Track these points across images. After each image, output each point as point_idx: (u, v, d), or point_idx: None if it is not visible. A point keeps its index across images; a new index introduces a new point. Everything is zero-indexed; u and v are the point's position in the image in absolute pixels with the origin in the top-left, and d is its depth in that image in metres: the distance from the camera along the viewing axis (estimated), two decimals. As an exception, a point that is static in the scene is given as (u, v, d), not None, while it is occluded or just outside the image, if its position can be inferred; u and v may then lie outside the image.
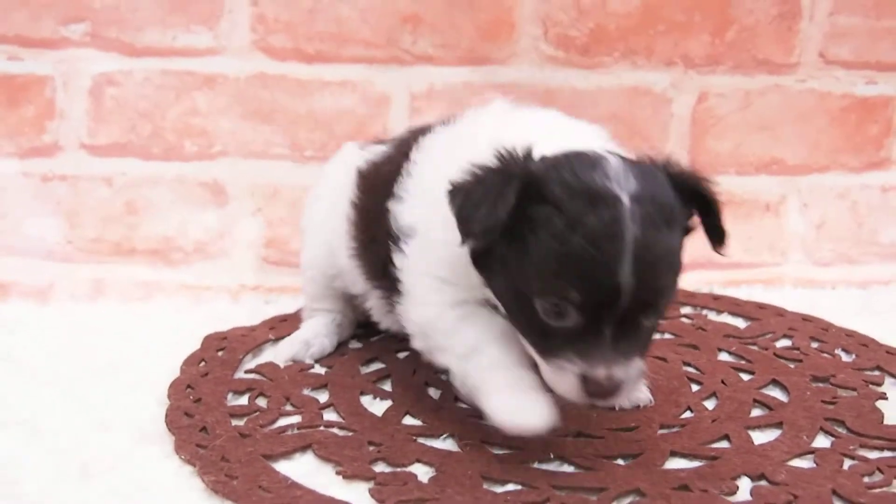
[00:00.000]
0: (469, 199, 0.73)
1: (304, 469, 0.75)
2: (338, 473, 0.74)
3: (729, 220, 0.80)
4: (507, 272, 0.73)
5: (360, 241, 0.95)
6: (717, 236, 0.78)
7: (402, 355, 1.01)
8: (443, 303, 0.81)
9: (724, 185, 1.38)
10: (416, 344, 0.84)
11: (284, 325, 1.11)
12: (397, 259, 0.84)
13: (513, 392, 0.75)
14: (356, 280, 0.98)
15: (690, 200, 0.76)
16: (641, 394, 0.88)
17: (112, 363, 1.01)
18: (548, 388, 0.74)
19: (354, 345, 1.06)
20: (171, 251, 1.32)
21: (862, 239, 1.46)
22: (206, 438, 0.79)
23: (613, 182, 0.70)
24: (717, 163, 1.42)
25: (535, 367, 0.77)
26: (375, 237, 0.90)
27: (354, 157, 1.04)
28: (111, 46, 1.31)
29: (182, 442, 0.78)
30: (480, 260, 0.76)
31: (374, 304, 0.98)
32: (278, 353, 1.00)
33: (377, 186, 0.92)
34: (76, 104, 1.31)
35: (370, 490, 0.71)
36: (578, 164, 0.72)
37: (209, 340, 1.02)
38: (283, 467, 0.75)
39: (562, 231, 0.69)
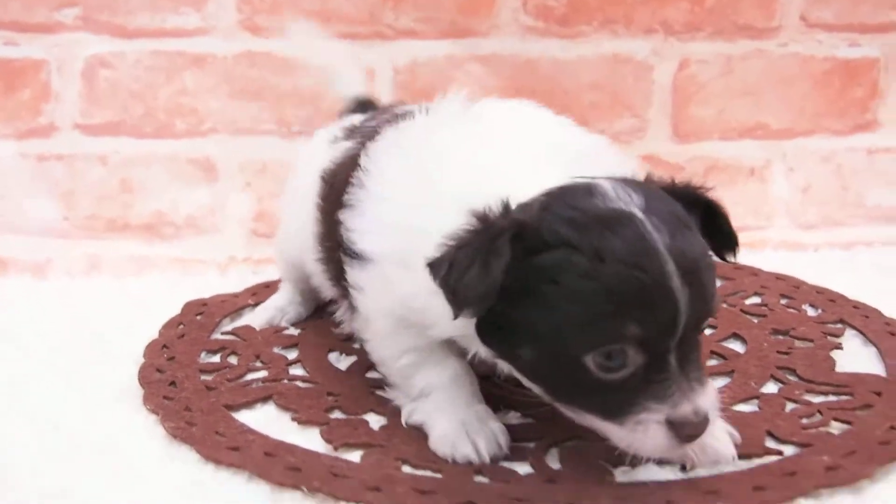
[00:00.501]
0: (455, 266, 0.64)
1: (263, 418, 0.79)
2: (293, 420, 0.78)
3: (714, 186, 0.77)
4: (533, 342, 0.65)
5: (325, 247, 0.89)
6: (726, 242, 0.72)
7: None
8: (397, 348, 0.78)
9: (709, 151, 1.44)
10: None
11: (266, 291, 1.15)
12: (351, 276, 0.78)
13: (457, 425, 0.73)
14: (324, 284, 0.93)
15: (690, 209, 0.69)
16: (724, 447, 0.71)
17: (101, 332, 1.05)
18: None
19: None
20: (163, 226, 1.37)
21: (847, 202, 1.46)
22: (174, 391, 0.83)
23: (618, 201, 0.64)
24: (701, 129, 1.43)
25: (482, 401, 0.76)
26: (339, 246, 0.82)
27: (323, 154, 0.97)
28: (103, 29, 1.36)
29: (150, 394, 0.83)
30: (493, 338, 0.68)
31: (342, 311, 0.92)
32: (254, 319, 1.04)
33: (336, 193, 0.84)
34: (70, 86, 1.36)
35: (321, 431, 0.75)
36: (571, 197, 0.65)
37: (189, 306, 1.07)
38: (244, 416, 0.79)
39: (590, 267, 0.61)
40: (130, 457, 0.72)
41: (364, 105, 1.15)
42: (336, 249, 0.82)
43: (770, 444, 0.73)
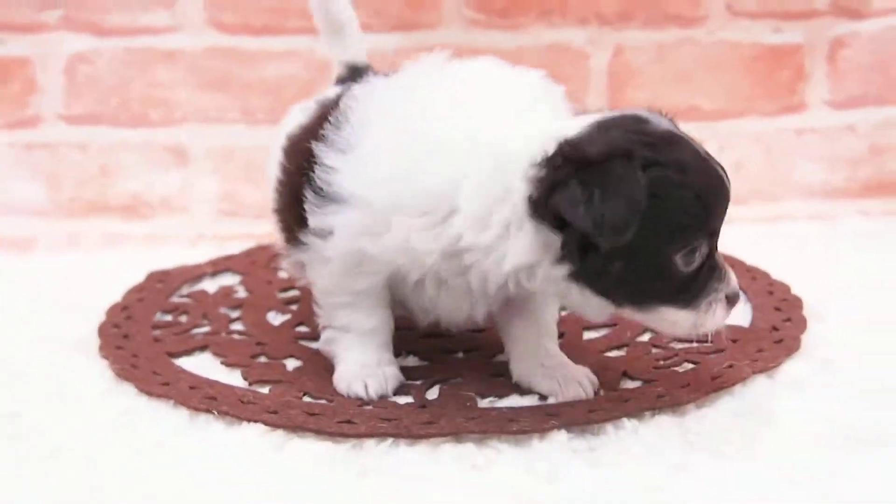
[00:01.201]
0: (600, 199, 0.69)
1: (198, 363, 0.93)
2: (222, 364, 0.91)
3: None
4: (627, 254, 0.72)
5: (281, 203, 0.93)
6: None
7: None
8: (342, 286, 0.83)
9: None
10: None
11: (226, 262, 1.28)
12: (318, 221, 0.81)
13: (358, 367, 0.84)
14: (276, 235, 0.98)
15: None
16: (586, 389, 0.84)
17: (75, 298, 1.19)
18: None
19: (282, 274, 1.22)
20: (139, 206, 1.50)
21: (777, 178, 1.57)
22: (126, 342, 0.97)
23: (666, 125, 0.76)
24: (637, 112, 1.55)
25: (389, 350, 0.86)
26: (298, 200, 0.85)
27: (293, 119, 1.00)
28: (82, 28, 1.49)
29: (105, 345, 0.96)
30: (581, 261, 0.73)
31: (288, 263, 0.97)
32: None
33: (302, 149, 0.86)
34: (53, 81, 1.49)
35: (241, 372, 0.88)
36: (633, 125, 0.74)
37: (152, 275, 1.20)
38: (182, 362, 0.93)
39: (679, 179, 0.71)
40: (79, 390, 0.87)
41: (357, 72, 1.09)
42: (294, 196, 0.85)
43: (625, 382, 0.85)
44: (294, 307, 1.09)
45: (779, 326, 0.95)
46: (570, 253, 0.73)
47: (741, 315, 1.02)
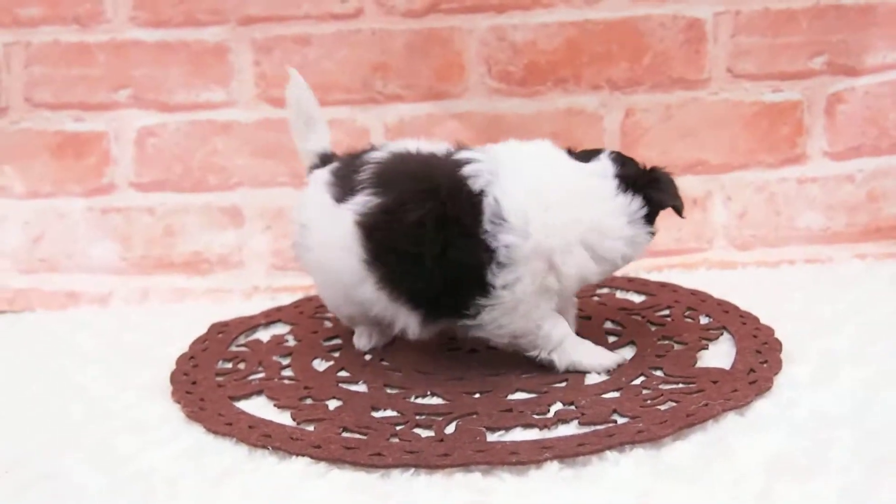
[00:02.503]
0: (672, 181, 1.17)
1: (255, 405, 1.10)
2: (275, 406, 1.08)
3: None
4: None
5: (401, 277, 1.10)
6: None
7: (356, 332, 1.34)
8: (540, 318, 1.09)
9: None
10: (500, 340, 1.12)
11: (278, 313, 1.45)
12: (501, 278, 1.04)
13: (595, 352, 1.14)
14: (386, 307, 1.13)
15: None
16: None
17: (149, 345, 1.37)
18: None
19: (326, 324, 1.39)
20: (200, 263, 1.69)
21: (780, 225, 1.69)
22: (194, 388, 1.14)
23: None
24: (648, 167, 1.69)
25: None
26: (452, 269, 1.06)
27: (337, 209, 1.14)
28: (150, 105, 1.69)
29: (176, 390, 1.14)
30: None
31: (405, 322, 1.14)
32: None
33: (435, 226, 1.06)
34: (125, 152, 1.70)
35: (291, 413, 1.05)
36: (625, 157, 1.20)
37: (214, 326, 1.38)
38: (242, 404, 1.10)
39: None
40: (157, 427, 1.04)
41: (327, 159, 1.29)
42: (445, 268, 1.06)
43: (614, 418, 0.99)
44: (336, 354, 1.26)
45: (756, 368, 1.09)
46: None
47: (725, 358, 1.16)
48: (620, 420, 0.99)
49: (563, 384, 1.11)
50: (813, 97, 1.68)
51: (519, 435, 0.97)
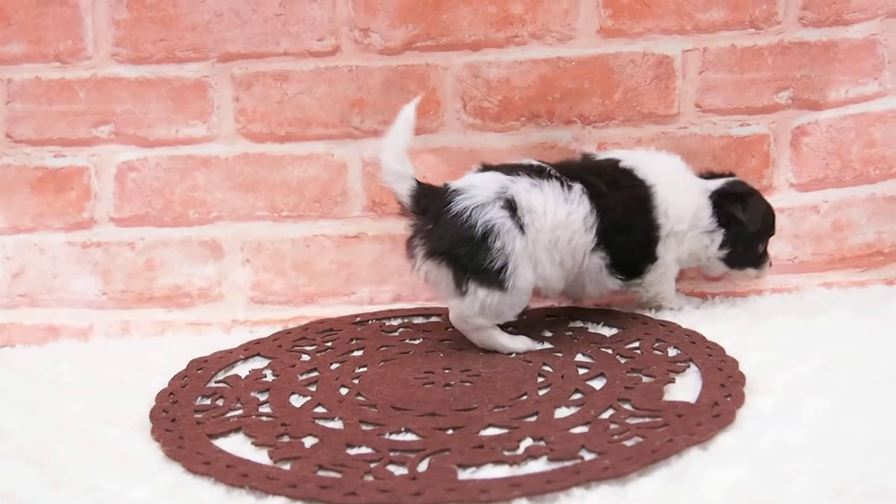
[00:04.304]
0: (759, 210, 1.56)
1: (234, 443, 1.12)
2: (252, 444, 1.10)
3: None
4: (746, 241, 1.56)
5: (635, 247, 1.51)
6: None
7: (334, 366, 1.37)
8: (673, 276, 1.58)
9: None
10: (647, 295, 1.57)
11: (257, 346, 1.48)
12: (660, 249, 1.52)
13: (681, 299, 1.62)
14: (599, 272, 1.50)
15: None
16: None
17: (128, 381, 1.39)
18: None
19: (304, 357, 1.42)
20: (180, 297, 1.71)
21: (749, 255, 1.74)
22: (173, 425, 1.16)
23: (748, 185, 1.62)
24: (619, 199, 1.73)
25: None
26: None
27: (548, 203, 1.42)
28: (130, 141, 1.72)
29: (156, 427, 1.16)
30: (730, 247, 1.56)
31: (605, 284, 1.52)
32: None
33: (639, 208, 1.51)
34: (106, 187, 1.72)
35: (268, 451, 1.07)
36: (738, 184, 1.59)
37: (194, 362, 1.40)
38: (220, 442, 1.12)
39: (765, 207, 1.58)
40: (138, 466, 1.06)
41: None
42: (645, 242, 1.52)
43: (582, 453, 1.03)
44: (313, 388, 1.28)
45: (720, 402, 1.12)
46: (726, 243, 1.55)
47: (691, 391, 1.20)
48: (588, 456, 1.02)
49: (534, 418, 1.14)
50: (779, 130, 1.73)
51: (490, 472, 0.99)
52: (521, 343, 1.41)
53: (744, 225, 1.52)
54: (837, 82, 1.73)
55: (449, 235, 1.36)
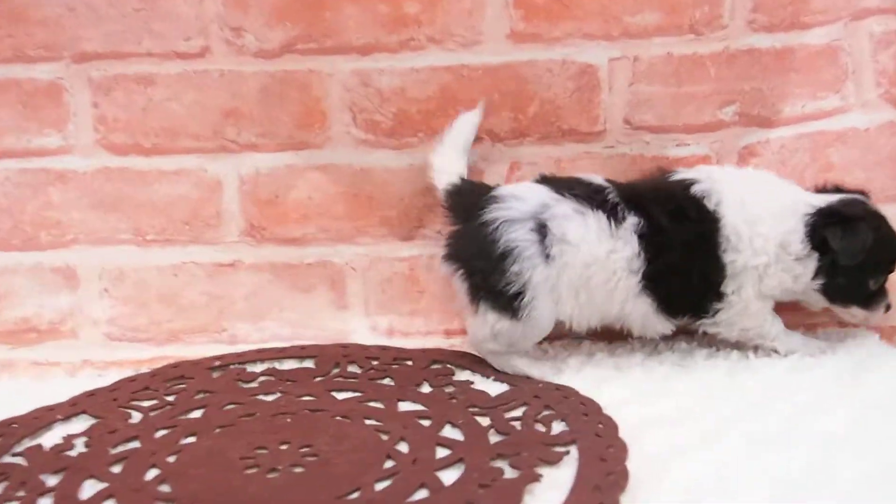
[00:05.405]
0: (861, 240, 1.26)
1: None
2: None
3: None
4: (849, 274, 1.28)
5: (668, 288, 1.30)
6: None
7: (160, 434, 1.16)
8: (767, 316, 1.32)
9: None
10: (731, 335, 1.33)
11: (88, 400, 1.27)
12: (730, 285, 1.29)
13: (803, 342, 1.36)
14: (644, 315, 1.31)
15: None
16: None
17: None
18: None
19: (134, 417, 1.22)
20: (26, 332, 1.50)
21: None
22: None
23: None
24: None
25: None
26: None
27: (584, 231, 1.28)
28: (-27, 152, 1.50)
29: None
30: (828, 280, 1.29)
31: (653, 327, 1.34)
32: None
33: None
34: (-54, 205, 1.51)
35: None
36: (850, 203, 1.32)
37: (2, 424, 1.19)
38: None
39: (883, 243, 1.29)
40: None
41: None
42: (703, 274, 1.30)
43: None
44: (117, 469, 1.07)
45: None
46: (821, 271, 1.28)
47: (560, 491, 0.98)
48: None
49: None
50: (723, 151, 1.50)
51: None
52: (538, 370, 1.31)
53: (836, 254, 1.26)
54: (793, 96, 1.49)
55: (470, 244, 1.27)
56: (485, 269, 1.26)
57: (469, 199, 1.31)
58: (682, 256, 1.27)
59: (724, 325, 1.31)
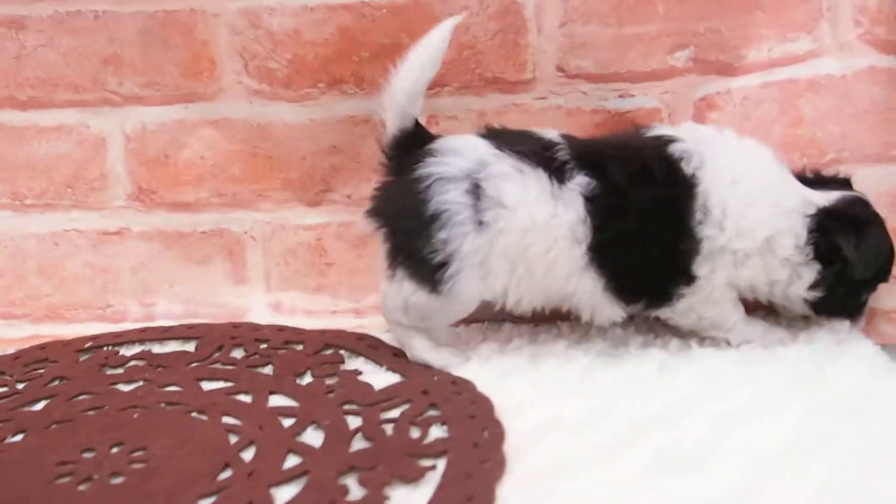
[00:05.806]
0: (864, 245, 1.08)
1: None
2: None
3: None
4: (850, 287, 1.11)
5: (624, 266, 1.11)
6: None
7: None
8: (731, 306, 1.13)
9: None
10: (685, 322, 1.13)
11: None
12: (699, 268, 1.09)
13: (764, 331, 1.15)
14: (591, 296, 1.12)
15: None
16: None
17: None
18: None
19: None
20: None
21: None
22: None
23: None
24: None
25: None
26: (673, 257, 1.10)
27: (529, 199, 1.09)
28: None
29: None
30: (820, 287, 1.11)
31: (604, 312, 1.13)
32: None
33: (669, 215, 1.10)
34: None
35: None
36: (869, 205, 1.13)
37: None
38: None
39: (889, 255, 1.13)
40: None
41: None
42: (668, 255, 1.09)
43: None
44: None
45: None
46: (821, 284, 1.11)
47: None
48: None
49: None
50: (675, 103, 1.30)
51: None
52: (439, 357, 1.13)
53: (852, 266, 1.09)
54: (758, 38, 1.29)
55: (397, 200, 1.11)
56: (409, 231, 1.09)
57: (409, 148, 1.13)
58: (640, 225, 1.07)
59: (680, 313, 1.12)
